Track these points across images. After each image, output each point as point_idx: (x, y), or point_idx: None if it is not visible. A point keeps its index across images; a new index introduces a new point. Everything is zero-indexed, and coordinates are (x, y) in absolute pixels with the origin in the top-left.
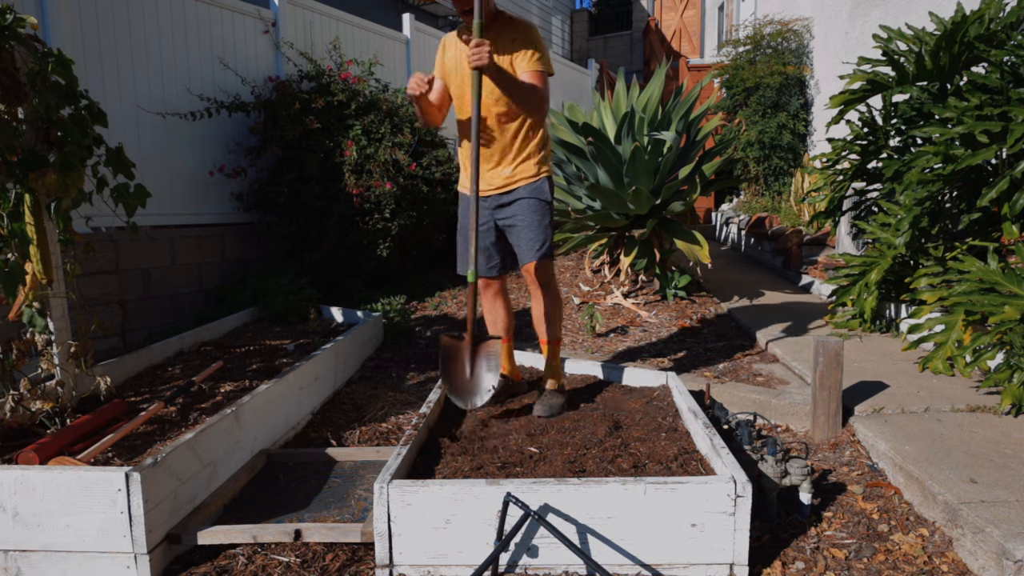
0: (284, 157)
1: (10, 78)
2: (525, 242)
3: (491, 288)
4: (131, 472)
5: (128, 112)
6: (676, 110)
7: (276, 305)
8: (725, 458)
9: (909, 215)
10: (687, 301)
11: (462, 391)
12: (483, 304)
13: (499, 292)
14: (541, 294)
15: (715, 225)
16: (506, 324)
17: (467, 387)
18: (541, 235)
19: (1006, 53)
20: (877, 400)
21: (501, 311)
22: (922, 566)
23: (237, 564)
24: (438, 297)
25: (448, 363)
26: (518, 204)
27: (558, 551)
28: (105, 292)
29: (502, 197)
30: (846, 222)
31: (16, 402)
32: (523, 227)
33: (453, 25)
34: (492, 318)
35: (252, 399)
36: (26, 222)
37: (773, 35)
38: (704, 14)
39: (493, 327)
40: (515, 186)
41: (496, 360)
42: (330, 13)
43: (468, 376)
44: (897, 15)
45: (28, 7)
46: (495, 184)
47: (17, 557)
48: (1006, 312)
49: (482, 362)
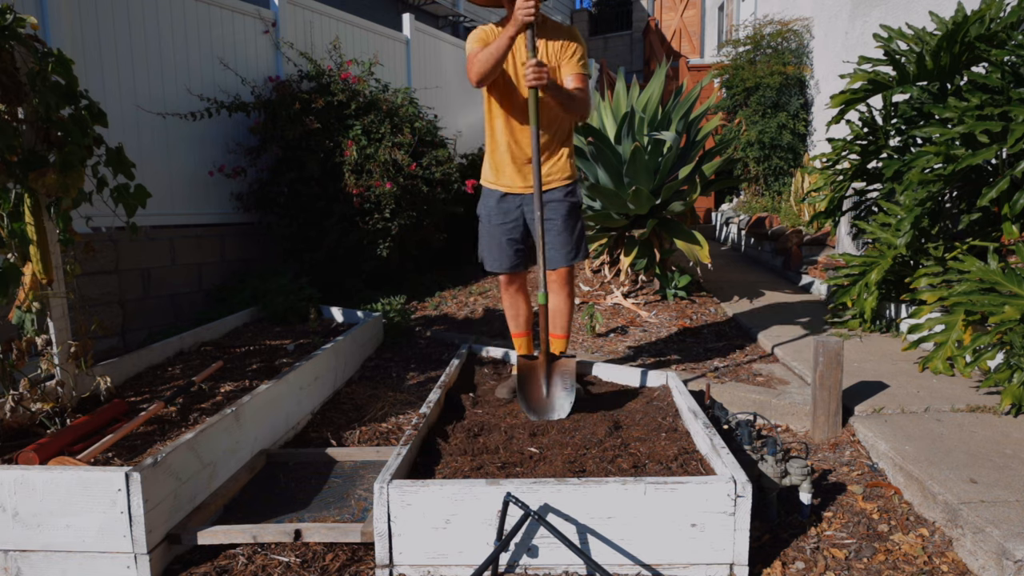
0: (284, 157)
1: (10, 78)
2: (559, 246)
3: (516, 283)
4: (131, 472)
5: (128, 112)
6: (676, 110)
7: (276, 305)
8: (725, 458)
9: (910, 215)
10: (687, 301)
11: (539, 409)
12: (505, 299)
13: (522, 287)
14: (564, 293)
15: (715, 225)
16: (527, 318)
17: (544, 405)
18: (574, 241)
19: (1007, 53)
20: (877, 400)
21: (523, 306)
22: (922, 566)
23: (237, 564)
24: (438, 297)
25: (524, 382)
26: (554, 205)
27: (558, 551)
28: (105, 292)
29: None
30: (846, 222)
31: (16, 402)
32: (558, 231)
33: (453, 25)
34: (514, 312)
35: (252, 399)
36: (26, 222)
37: (773, 35)
38: (704, 14)
39: (515, 322)
40: (551, 185)
41: (571, 379)
42: (330, 13)
43: (544, 395)
44: (897, 15)
45: (28, 7)
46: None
47: (17, 557)
48: (1006, 312)
49: (557, 380)
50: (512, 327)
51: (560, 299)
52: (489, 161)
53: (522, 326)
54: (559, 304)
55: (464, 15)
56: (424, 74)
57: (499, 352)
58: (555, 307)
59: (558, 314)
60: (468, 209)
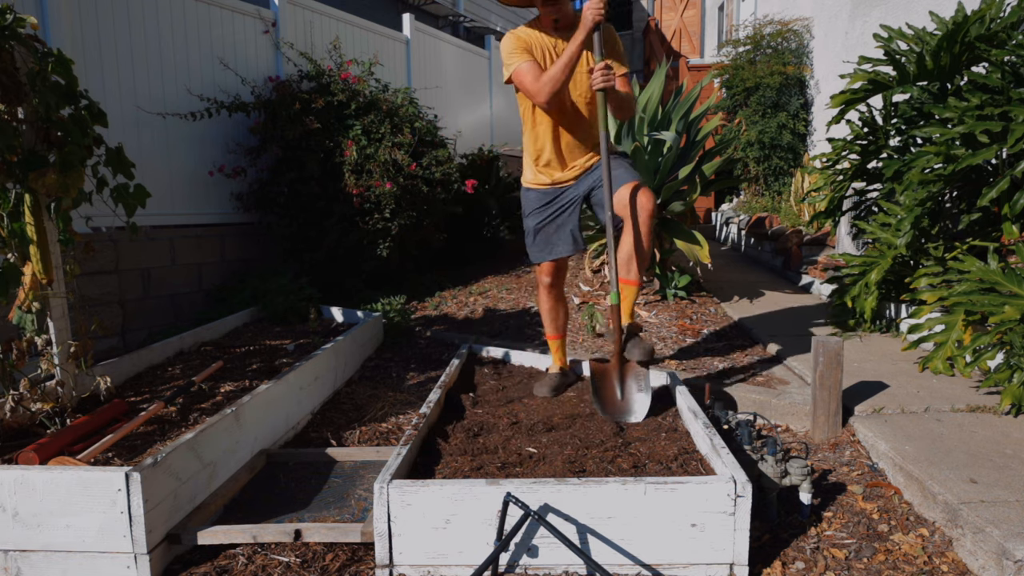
0: (284, 157)
1: (10, 78)
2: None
3: (560, 279)
4: (131, 472)
5: (128, 112)
6: (676, 110)
7: (276, 305)
8: (725, 458)
9: (910, 215)
10: (687, 301)
11: (614, 411)
12: (546, 301)
13: (561, 292)
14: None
15: (715, 225)
16: (564, 321)
17: (620, 408)
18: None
19: (1007, 53)
20: (877, 400)
21: (561, 309)
22: (922, 566)
23: (237, 564)
24: (438, 297)
25: (598, 385)
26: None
27: (558, 551)
28: (105, 292)
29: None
30: (846, 222)
31: (16, 402)
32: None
33: (453, 25)
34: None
35: (252, 399)
36: (26, 222)
37: (773, 35)
38: (704, 14)
39: (553, 325)
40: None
41: (646, 380)
42: (330, 13)
43: (619, 397)
44: (897, 15)
45: (28, 7)
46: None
47: (17, 557)
48: (1006, 312)
49: (632, 383)
50: (549, 330)
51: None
52: (531, 163)
53: (560, 328)
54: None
55: (464, 15)
56: (424, 74)
57: (499, 352)
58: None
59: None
60: (468, 209)
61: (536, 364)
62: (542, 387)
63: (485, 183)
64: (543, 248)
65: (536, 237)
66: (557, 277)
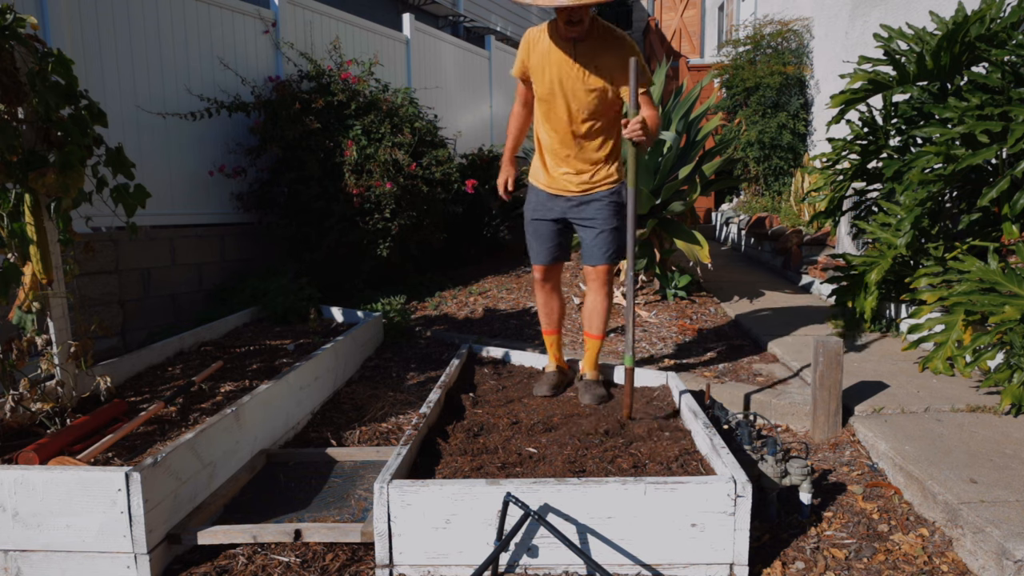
0: (284, 157)
1: (10, 78)
2: (600, 244)
3: (550, 281)
4: (131, 472)
5: (128, 112)
6: (676, 110)
7: (276, 305)
8: (725, 458)
9: (910, 215)
10: (687, 301)
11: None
12: (540, 297)
13: (556, 286)
14: (601, 292)
15: (715, 225)
16: (559, 317)
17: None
18: (615, 241)
19: (1007, 53)
20: (877, 400)
21: (556, 304)
22: (922, 566)
23: (237, 564)
24: (438, 297)
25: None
26: (596, 204)
27: (558, 551)
28: (105, 292)
29: (583, 197)
30: (846, 222)
31: (16, 402)
32: (600, 230)
33: (453, 25)
34: (548, 310)
35: (252, 399)
36: (26, 222)
37: (773, 35)
38: (704, 14)
39: (548, 320)
40: (597, 189)
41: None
42: (330, 13)
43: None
44: (897, 15)
45: (28, 7)
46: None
47: (17, 557)
48: (1006, 312)
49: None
50: (544, 324)
51: (595, 300)
52: (537, 161)
53: (554, 324)
54: (595, 303)
55: (464, 15)
56: (424, 74)
57: (499, 352)
58: (589, 308)
59: (594, 313)
60: (468, 209)
61: (536, 364)
62: (541, 386)
63: (485, 183)
64: (530, 247)
65: (528, 233)
66: (549, 273)
